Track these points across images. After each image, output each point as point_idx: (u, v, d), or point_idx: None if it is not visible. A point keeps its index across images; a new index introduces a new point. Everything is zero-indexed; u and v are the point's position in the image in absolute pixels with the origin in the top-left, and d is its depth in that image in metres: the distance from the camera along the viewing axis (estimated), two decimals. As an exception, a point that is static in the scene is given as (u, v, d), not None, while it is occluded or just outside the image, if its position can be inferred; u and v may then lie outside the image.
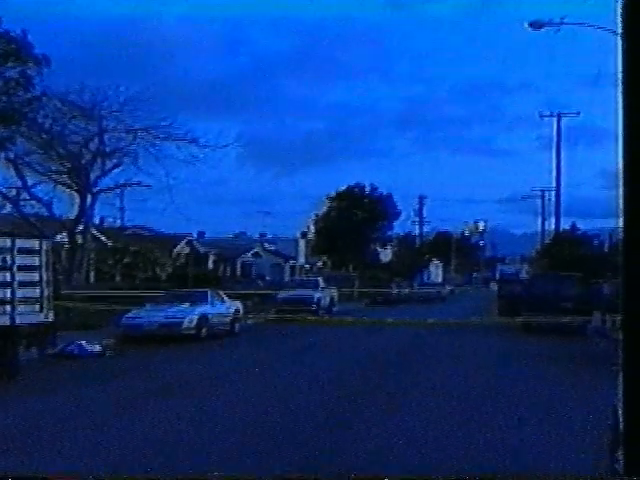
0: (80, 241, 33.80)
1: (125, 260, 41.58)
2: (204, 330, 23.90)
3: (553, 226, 56.33)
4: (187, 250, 53.69)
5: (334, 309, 40.55)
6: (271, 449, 8.94)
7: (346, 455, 8.64)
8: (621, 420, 1.86)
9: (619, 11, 1.77)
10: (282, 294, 39.68)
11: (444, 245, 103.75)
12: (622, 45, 1.76)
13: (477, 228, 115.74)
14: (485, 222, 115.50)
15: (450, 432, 10.00)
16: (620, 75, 1.78)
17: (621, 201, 1.77)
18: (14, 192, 33.55)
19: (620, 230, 1.83)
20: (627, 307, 1.78)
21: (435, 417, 11.17)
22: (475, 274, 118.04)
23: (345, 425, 10.54)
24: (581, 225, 56.35)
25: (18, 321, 15.32)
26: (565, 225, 55.22)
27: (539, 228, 68.25)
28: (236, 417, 11.15)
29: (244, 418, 11.04)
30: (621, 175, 1.77)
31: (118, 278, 41.30)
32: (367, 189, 66.44)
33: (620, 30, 1.77)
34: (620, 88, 1.77)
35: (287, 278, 62.82)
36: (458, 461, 8.25)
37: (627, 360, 1.78)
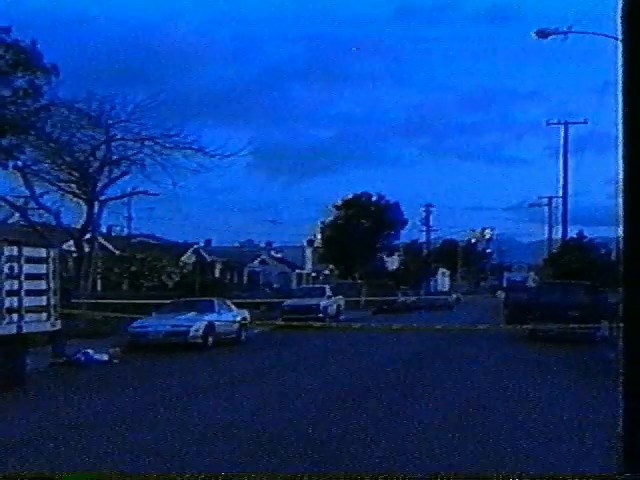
0: (87, 250, 33.81)
1: (132, 269, 41.64)
2: (211, 339, 23.90)
3: (560, 234, 56.24)
4: (194, 258, 53.77)
5: (341, 317, 40.53)
6: (278, 455, 8.92)
7: (352, 460, 8.62)
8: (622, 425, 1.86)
9: (619, 17, 1.77)
10: (289, 302, 39.73)
11: (451, 253, 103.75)
12: (622, 51, 1.76)
13: (484, 236, 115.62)
14: (492, 230, 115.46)
15: (455, 437, 9.97)
16: (621, 82, 1.77)
17: (622, 209, 1.77)
18: (22, 201, 33.62)
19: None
20: (628, 316, 1.78)
21: (441, 422, 11.14)
22: (482, 282, 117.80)
23: (352, 430, 10.51)
24: (588, 233, 56.22)
25: (25, 329, 15.35)
26: (572, 233, 55.13)
27: (546, 236, 68.06)
28: (243, 425, 11.13)
29: (251, 426, 11.02)
30: (622, 182, 1.76)
31: (125, 287, 41.36)
32: (374, 197, 66.43)
33: (620, 36, 1.77)
34: (620, 95, 1.77)
35: (294, 286, 62.82)
36: (464, 465, 8.23)
37: (627, 367, 1.77)
